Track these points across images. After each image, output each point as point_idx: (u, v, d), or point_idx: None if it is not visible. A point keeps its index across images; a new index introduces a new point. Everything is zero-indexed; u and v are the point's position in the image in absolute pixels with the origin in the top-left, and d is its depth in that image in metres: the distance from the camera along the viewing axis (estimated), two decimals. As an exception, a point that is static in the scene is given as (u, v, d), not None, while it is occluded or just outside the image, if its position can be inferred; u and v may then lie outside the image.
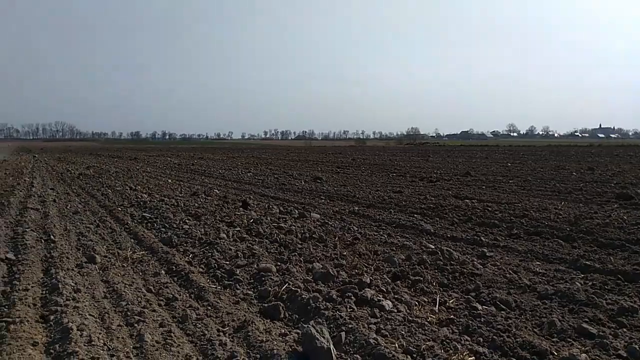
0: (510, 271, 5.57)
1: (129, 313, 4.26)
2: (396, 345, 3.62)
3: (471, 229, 8.29)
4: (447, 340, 3.68)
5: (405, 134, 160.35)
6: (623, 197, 11.24)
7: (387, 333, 3.84)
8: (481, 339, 3.75)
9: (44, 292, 4.85)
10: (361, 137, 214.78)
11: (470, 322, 4.07)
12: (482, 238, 7.32)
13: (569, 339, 3.75)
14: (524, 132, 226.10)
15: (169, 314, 4.35)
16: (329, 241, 7.09)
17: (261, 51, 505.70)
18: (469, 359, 3.41)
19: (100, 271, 5.68)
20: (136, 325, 3.98)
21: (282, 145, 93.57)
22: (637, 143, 78.71)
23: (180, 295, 4.86)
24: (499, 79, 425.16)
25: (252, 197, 12.34)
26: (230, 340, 3.73)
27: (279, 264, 5.85)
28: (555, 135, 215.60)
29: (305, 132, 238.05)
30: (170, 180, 17.46)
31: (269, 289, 4.91)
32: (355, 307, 4.37)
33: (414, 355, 3.47)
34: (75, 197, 12.55)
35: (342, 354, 3.53)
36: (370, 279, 5.07)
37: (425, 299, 4.74)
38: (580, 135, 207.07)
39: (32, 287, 4.92)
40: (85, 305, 4.39)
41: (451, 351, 3.50)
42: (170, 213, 9.49)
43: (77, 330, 3.76)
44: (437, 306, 4.54)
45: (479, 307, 4.41)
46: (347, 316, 4.10)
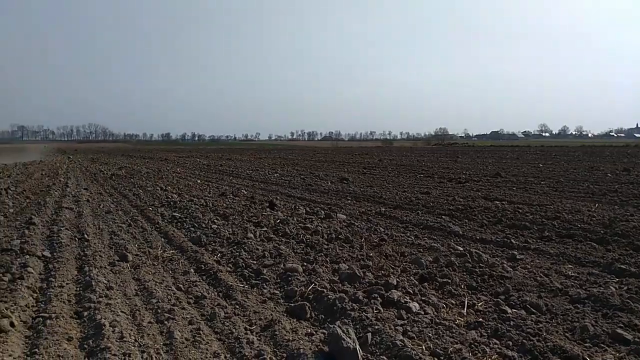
0: (541, 274, 5.44)
1: (159, 310, 4.36)
2: (423, 347, 3.59)
3: (501, 231, 8.12)
4: (475, 344, 3.62)
5: (433, 134, 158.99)
6: (661, 199, 10.82)
7: (413, 335, 3.81)
8: (510, 343, 3.68)
9: (78, 289, 5.02)
10: (388, 137, 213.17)
11: (499, 325, 4.00)
12: (512, 240, 7.16)
13: (602, 345, 3.64)
14: (557, 132, 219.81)
15: (197, 312, 4.43)
16: (355, 242, 7.07)
17: (286, 51, 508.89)
18: (498, 362, 3.35)
19: (132, 269, 5.84)
20: (166, 322, 4.07)
21: (309, 146, 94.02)
22: (676, 143, 75.61)
23: (208, 293, 4.94)
24: (530, 78, 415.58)
25: (278, 197, 12.44)
26: (257, 339, 3.77)
27: (305, 264, 5.88)
28: (589, 135, 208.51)
29: (332, 132, 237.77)
30: (199, 181, 17.77)
31: (296, 288, 4.94)
32: (381, 309, 4.35)
33: (441, 358, 3.44)
34: (108, 197, 12.93)
35: (368, 355, 3.52)
36: (397, 281, 5.04)
37: (453, 302, 4.68)
38: (615, 135, 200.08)
39: (67, 284, 5.10)
40: (117, 302, 4.53)
41: (479, 354, 3.45)
42: (200, 213, 9.65)
43: (110, 326, 3.87)
44: (465, 309, 4.48)
45: (509, 311, 4.33)
46: (374, 317, 4.09)
